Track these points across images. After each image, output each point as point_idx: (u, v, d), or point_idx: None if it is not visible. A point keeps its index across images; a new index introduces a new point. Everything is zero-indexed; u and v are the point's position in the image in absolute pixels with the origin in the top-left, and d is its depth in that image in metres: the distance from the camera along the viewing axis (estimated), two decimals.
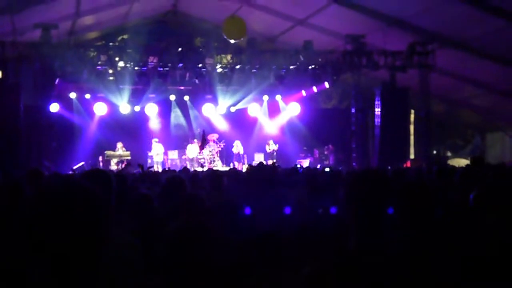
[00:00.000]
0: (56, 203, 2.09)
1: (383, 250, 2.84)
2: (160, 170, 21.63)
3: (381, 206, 2.97)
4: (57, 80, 23.44)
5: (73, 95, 25.59)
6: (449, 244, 3.12)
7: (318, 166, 23.05)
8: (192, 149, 25.66)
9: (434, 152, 28.75)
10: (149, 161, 24.97)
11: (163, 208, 5.11)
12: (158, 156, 25.44)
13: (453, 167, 14.51)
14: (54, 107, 23.61)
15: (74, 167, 23.01)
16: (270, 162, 23.93)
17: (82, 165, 23.32)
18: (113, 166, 23.76)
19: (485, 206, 3.72)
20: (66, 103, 25.11)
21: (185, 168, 15.30)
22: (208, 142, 24.65)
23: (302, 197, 5.72)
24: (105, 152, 24.40)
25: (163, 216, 4.86)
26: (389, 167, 15.93)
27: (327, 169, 11.95)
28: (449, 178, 6.85)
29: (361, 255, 2.85)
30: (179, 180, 5.38)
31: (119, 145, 24.58)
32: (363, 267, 2.79)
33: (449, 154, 30.89)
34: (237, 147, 26.14)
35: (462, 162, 26.11)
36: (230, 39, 21.26)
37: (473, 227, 3.62)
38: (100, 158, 24.47)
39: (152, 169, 17.77)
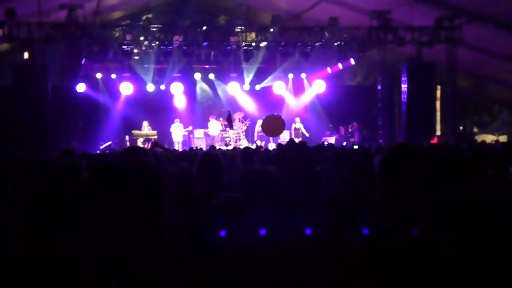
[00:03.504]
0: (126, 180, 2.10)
1: (422, 230, 2.74)
2: (180, 149, 21.74)
3: (420, 183, 2.85)
4: (83, 60, 23.54)
5: (99, 75, 25.74)
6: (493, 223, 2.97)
7: (344, 144, 22.93)
8: (214, 126, 25.68)
9: (461, 128, 28.49)
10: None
11: (201, 184, 5.09)
12: (178, 135, 25.48)
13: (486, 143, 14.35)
14: (81, 87, 23.77)
15: (101, 147, 23.21)
16: (296, 140, 23.85)
17: (109, 144, 23.48)
18: (140, 145, 23.86)
19: None
20: (92, 83, 25.29)
21: (212, 147, 15.36)
22: (234, 121, 24.61)
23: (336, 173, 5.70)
24: (132, 131, 24.49)
25: (202, 191, 4.84)
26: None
27: (355, 147, 11.89)
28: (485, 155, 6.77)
29: (397, 235, 2.75)
30: (215, 157, 5.35)
31: (145, 123, 24.67)
32: (399, 249, 2.71)
33: (475, 130, 30.59)
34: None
35: (489, 138, 25.88)
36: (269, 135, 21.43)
37: None
38: (127, 138, 24.60)
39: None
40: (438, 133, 26.80)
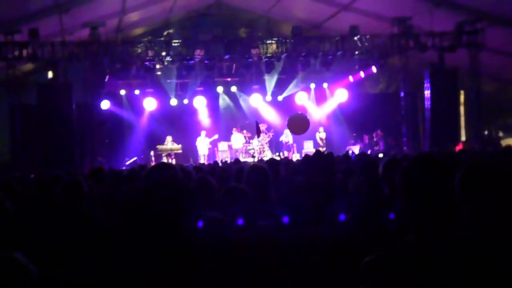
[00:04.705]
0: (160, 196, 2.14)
1: (449, 239, 2.72)
2: (205, 162, 21.80)
3: (444, 193, 2.83)
4: (107, 78, 23.78)
5: (122, 92, 26.01)
6: None
7: (369, 152, 22.86)
8: (238, 139, 25.76)
9: (486, 133, 28.24)
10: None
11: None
12: (203, 149, 25.57)
13: None
14: (105, 104, 24.01)
15: (127, 163, 23.37)
16: (320, 150, 23.79)
17: (135, 160, 23.63)
18: (164, 160, 23.96)
19: None
20: (116, 100, 25.57)
21: (237, 160, 15.37)
22: (262, 132, 24.66)
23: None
24: (157, 146, 24.63)
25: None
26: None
27: (380, 155, 11.85)
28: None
29: (423, 245, 2.73)
30: (263, 169, 5.22)
31: (169, 138, 24.77)
32: (425, 258, 2.69)
33: (501, 134, 30.30)
34: (287, 136, 26.10)
35: None
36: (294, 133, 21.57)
37: None
38: (152, 153, 24.74)
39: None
40: (463, 138, 26.60)
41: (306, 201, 5.21)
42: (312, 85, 27.92)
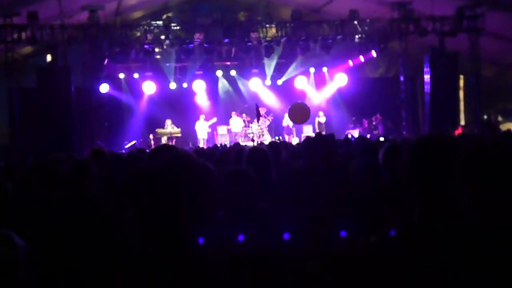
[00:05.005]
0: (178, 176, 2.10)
1: (451, 222, 2.73)
2: (205, 146, 21.80)
3: (449, 174, 2.84)
4: (106, 61, 23.71)
5: (121, 75, 25.94)
6: None
7: (368, 136, 22.84)
8: (236, 122, 25.72)
9: (485, 117, 28.24)
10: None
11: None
12: (202, 133, 25.53)
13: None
14: (104, 88, 23.94)
15: (126, 146, 23.36)
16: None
17: (134, 143, 23.62)
18: (165, 143, 23.90)
19: None
20: (115, 83, 25.48)
21: (237, 144, 15.34)
22: (262, 116, 24.62)
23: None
24: (156, 130, 24.61)
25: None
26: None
27: (381, 139, 11.84)
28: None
29: (426, 226, 2.74)
30: (263, 152, 5.17)
31: (168, 122, 24.75)
32: (428, 238, 2.70)
33: (500, 118, 30.31)
34: (287, 120, 26.06)
35: None
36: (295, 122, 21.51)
37: None
38: (151, 136, 24.71)
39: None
40: (462, 123, 26.61)
41: (306, 191, 5.16)
42: (312, 69, 27.85)
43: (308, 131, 25.92)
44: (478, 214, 2.80)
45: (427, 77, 23.61)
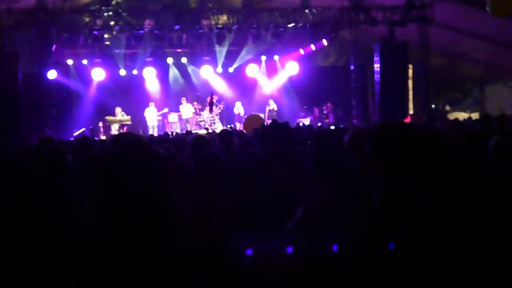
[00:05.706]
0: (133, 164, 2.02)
1: (413, 204, 2.78)
2: (155, 134, 21.63)
3: (408, 158, 2.89)
4: (54, 47, 23.23)
5: (70, 61, 25.52)
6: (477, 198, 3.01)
7: (319, 125, 23.00)
8: (187, 109, 25.52)
9: (433, 106, 28.70)
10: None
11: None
12: (152, 120, 25.30)
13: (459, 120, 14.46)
14: (52, 74, 23.42)
15: (75, 134, 23.01)
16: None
17: (83, 131, 23.27)
18: (114, 132, 23.63)
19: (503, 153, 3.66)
20: (63, 69, 25.03)
21: (188, 132, 15.28)
22: (214, 104, 24.52)
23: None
24: (105, 117, 24.30)
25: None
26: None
27: (332, 127, 11.94)
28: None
29: (387, 209, 2.80)
30: (205, 140, 5.17)
31: (118, 109, 24.46)
32: (389, 222, 2.75)
33: (448, 108, 30.87)
34: (238, 108, 26.07)
35: (462, 115, 26.10)
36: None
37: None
38: (101, 124, 24.38)
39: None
40: (411, 111, 26.98)
41: (264, 181, 5.13)
42: (263, 57, 27.88)
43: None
44: (431, 197, 2.88)
45: (377, 66, 23.82)
